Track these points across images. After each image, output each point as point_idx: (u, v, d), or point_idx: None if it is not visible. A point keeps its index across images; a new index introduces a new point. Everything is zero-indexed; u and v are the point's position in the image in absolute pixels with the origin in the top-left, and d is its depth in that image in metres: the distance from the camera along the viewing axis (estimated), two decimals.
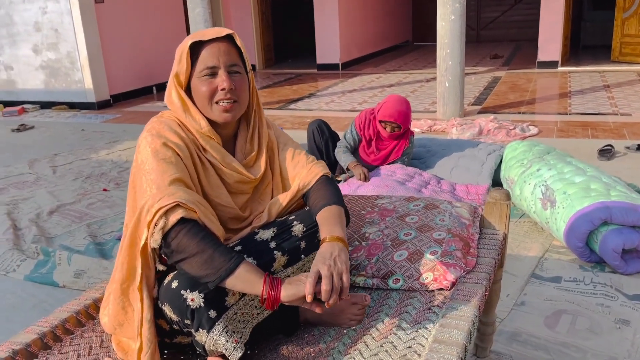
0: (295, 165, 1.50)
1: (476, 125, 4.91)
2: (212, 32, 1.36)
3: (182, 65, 1.36)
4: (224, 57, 1.35)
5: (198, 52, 1.35)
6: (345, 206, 1.40)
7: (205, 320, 1.20)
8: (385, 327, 1.37)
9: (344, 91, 7.70)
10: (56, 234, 3.25)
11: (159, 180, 1.25)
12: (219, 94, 1.36)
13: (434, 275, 1.52)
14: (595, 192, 2.61)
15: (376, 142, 3.54)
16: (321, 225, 1.33)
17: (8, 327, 2.32)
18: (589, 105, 5.84)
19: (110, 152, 5.20)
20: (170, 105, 1.41)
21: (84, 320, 1.50)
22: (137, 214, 1.24)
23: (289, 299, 1.18)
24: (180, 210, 1.20)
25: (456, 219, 1.73)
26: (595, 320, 2.13)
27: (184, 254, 1.20)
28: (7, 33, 7.80)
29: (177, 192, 1.22)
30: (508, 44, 12.27)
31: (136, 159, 1.33)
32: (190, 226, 1.21)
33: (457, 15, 5.30)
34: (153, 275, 1.27)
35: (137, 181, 1.30)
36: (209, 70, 1.35)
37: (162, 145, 1.31)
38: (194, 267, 1.19)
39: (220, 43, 1.36)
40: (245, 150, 1.47)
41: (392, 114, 3.36)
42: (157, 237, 1.20)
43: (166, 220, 1.19)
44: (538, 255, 2.67)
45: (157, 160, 1.28)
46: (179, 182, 1.27)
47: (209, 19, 6.54)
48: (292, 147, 1.54)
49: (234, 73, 1.37)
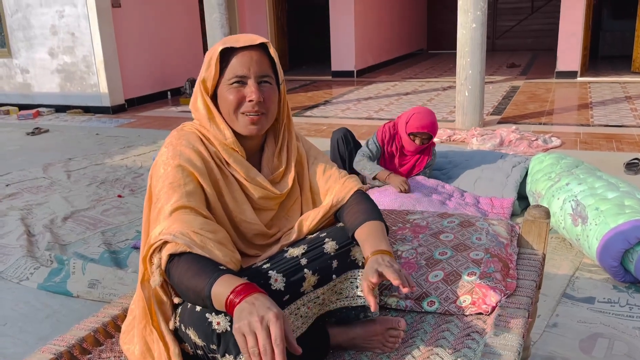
0: (327, 179, 1.42)
1: (497, 135, 4.80)
2: (244, 39, 1.29)
3: (211, 72, 1.29)
4: (255, 66, 1.28)
5: (228, 59, 1.28)
6: (386, 222, 1.32)
7: (232, 345, 1.12)
8: (422, 354, 1.29)
9: (359, 99, 7.62)
10: (70, 241, 3.19)
11: (163, 209, 1.21)
12: (246, 105, 1.29)
13: (472, 299, 1.43)
14: (630, 209, 2.50)
15: (399, 159, 3.46)
16: (364, 240, 1.26)
17: (21, 338, 2.26)
18: (611, 116, 5.72)
19: (124, 157, 5.15)
20: (195, 112, 1.34)
21: (102, 339, 1.42)
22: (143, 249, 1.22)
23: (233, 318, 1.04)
24: (169, 246, 1.14)
25: (494, 237, 1.64)
26: (634, 345, 2.02)
27: (180, 293, 1.16)
28: (23, 36, 7.82)
29: (174, 224, 1.17)
30: (524, 53, 12.14)
31: (151, 175, 1.30)
32: (178, 260, 1.14)
33: (478, 24, 5.21)
34: (169, 308, 1.21)
35: (152, 202, 1.27)
36: (238, 79, 1.28)
37: (175, 167, 1.25)
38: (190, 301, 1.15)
39: (253, 52, 1.29)
40: (273, 166, 1.40)
41: (425, 125, 3.28)
42: (156, 277, 1.16)
43: (160, 258, 1.16)
44: (569, 274, 2.56)
45: (167, 185, 1.24)
46: (183, 209, 1.21)
47: (226, 24, 6.50)
48: (323, 161, 1.46)
49: (264, 83, 1.30)
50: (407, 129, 3.34)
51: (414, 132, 3.32)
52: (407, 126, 3.34)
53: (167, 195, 1.22)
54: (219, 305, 1.07)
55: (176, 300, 1.20)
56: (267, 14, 10.27)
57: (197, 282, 1.09)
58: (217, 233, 1.23)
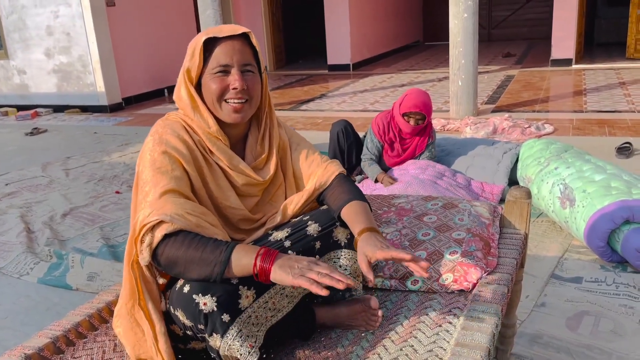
0: (310, 164, 1.46)
1: (490, 123, 4.84)
2: (227, 29, 1.32)
3: (195, 61, 1.32)
4: (237, 55, 1.31)
5: (212, 48, 1.32)
6: (369, 202, 1.37)
7: (219, 325, 1.17)
8: (405, 330, 1.33)
9: (355, 91, 7.65)
10: (69, 237, 3.24)
11: (151, 193, 1.23)
12: (230, 92, 1.32)
13: (454, 276, 1.48)
14: (616, 190, 2.54)
15: (400, 143, 3.50)
16: (352, 219, 1.30)
17: (23, 330, 2.31)
18: (605, 102, 5.75)
19: (122, 154, 5.20)
20: (179, 102, 1.37)
21: (97, 323, 1.47)
22: (131, 231, 1.23)
23: (276, 281, 1.14)
24: (164, 226, 1.17)
25: (476, 218, 1.68)
26: (619, 321, 2.07)
27: (177, 266, 1.17)
28: (19, 37, 7.86)
29: (165, 205, 1.19)
30: (520, 43, 12.15)
31: (138, 164, 1.31)
32: (174, 238, 1.17)
33: (469, 13, 5.24)
34: (155, 288, 1.25)
35: (138, 189, 1.29)
36: (221, 68, 1.31)
37: (161, 154, 1.28)
38: (192, 274, 1.17)
39: (235, 41, 1.32)
40: (256, 152, 1.44)
41: (416, 104, 3.32)
42: (145, 255, 1.18)
43: (152, 237, 1.17)
44: (557, 255, 2.61)
45: (153, 170, 1.26)
46: (172, 192, 1.24)
47: (220, 21, 6.53)
48: (305, 146, 1.50)
49: (247, 72, 1.33)
50: (400, 110, 3.39)
51: (407, 112, 3.36)
52: (400, 107, 3.39)
53: (155, 179, 1.25)
54: (239, 271, 1.14)
55: (161, 280, 1.25)
56: (262, 10, 10.29)
57: (204, 254, 1.14)
58: (207, 216, 1.28)
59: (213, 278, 1.15)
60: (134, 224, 1.21)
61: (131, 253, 1.23)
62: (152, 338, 1.22)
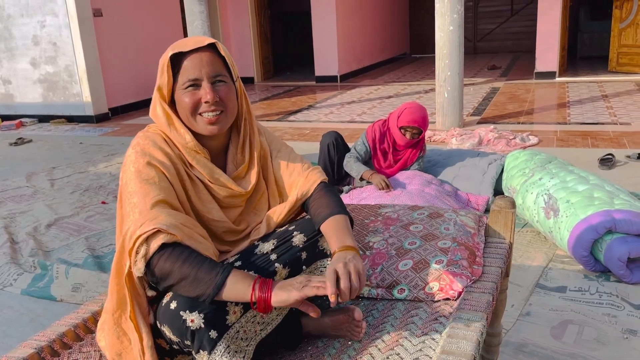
0: (291, 173, 1.45)
1: (476, 135, 4.89)
2: (192, 42, 1.31)
3: (164, 78, 1.31)
4: (206, 67, 1.29)
5: (180, 63, 1.30)
6: (349, 214, 1.37)
7: (207, 341, 1.16)
8: (391, 338, 1.34)
9: (343, 103, 7.70)
10: (54, 248, 3.21)
11: (141, 204, 1.21)
12: (203, 106, 1.30)
13: (440, 285, 1.49)
14: (599, 200, 2.58)
15: (393, 154, 3.52)
16: (329, 236, 1.29)
17: (5, 342, 2.28)
18: (588, 115, 5.84)
19: (108, 164, 5.17)
20: (155, 119, 1.36)
21: (82, 334, 1.46)
22: (121, 241, 1.21)
23: (279, 304, 1.15)
24: (161, 236, 1.16)
25: (461, 227, 1.70)
26: (602, 330, 2.10)
27: (170, 279, 1.16)
28: (5, 47, 7.80)
29: (159, 216, 1.18)
30: (505, 56, 12.31)
31: (121, 177, 1.30)
32: (171, 250, 1.16)
33: (455, 26, 5.31)
34: (144, 301, 1.24)
35: (123, 202, 1.27)
36: (191, 82, 1.30)
37: (145, 165, 1.27)
38: (184, 290, 1.16)
39: (203, 53, 1.30)
40: (237, 161, 1.42)
41: (415, 119, 3.36)
42: (140, 266, 1.16)
43: (147, 248, 1.16)
44: (542, 265, 2.64)
45: (140, 182, 1.24)
46: (162, 203, 1.23)
47: (208, 32, 6.55)
48: (286, 152, 1.49)
49: (219, 83, 1.32)
50: (398, 123, 3.42)
51: (405, 125, 3.39)
52: (398, 120, 3.42)
53: (144, 190, 1.23)
54: (232, 296, 1.15)
55: (149, 293, 1.24)
56: (250, 21, 10.33)
57: (199, 273, 1.14)
58: (197, 228, 1.28)
59: (203, 298, 1.15)
60: (124, 236, 1.20)
61: (121, 265, 1.22)
62: (139, 351, 1.21)
